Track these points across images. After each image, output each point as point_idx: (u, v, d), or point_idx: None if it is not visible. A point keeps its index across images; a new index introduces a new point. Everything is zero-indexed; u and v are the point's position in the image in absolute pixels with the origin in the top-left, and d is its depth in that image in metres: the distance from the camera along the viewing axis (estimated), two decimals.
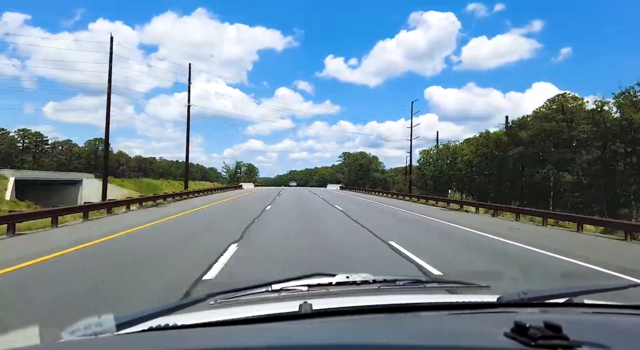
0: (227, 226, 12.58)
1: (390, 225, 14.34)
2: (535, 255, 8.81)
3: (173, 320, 1.16)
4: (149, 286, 5.48)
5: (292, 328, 1.12)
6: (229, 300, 1.32)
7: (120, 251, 8.17)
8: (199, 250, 8.14)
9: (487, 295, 1.50)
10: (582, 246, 10.83)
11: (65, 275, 6.04)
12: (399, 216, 18.36)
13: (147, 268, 6.65)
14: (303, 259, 7.62)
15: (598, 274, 7.12)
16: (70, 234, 10.26)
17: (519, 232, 13.34)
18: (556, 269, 7.29)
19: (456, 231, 13.13)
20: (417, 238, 10.96)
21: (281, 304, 1.33)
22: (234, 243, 8.82)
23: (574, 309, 1.31)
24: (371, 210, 21.16)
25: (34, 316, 4.05)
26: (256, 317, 1.19)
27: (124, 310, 2.83)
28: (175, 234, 10.85)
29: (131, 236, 10.22)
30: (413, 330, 1.09)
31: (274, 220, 14.53)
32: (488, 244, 10.39)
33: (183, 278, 5.79)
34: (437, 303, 1.36)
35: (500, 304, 1.29)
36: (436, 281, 1.73)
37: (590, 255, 9.05)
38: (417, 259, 7.52)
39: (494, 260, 8.13)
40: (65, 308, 4.40)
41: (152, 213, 16.56)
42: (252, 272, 6.53)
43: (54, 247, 8.10)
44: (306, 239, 10.44)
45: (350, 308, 1.25)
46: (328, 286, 1.39)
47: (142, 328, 1.08)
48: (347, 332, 1.07)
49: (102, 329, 0.98)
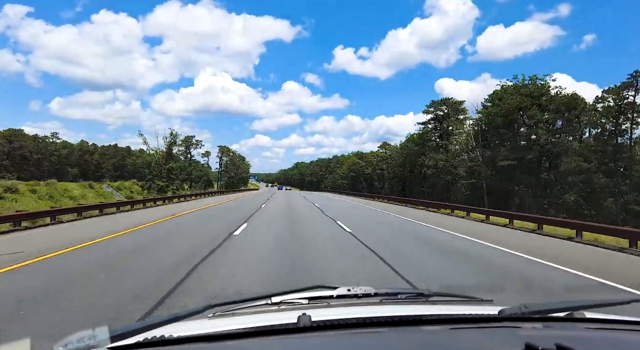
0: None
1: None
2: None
3: (170, 331, 1.10)
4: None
5: (291, 342, 1.08)
6: (227, 312, 1.29)
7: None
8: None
9: (489, 309, 1.48)
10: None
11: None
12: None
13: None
14: None
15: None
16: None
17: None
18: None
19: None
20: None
21: (280, 316, 1.27)
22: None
23: (576, 324, 1.30)
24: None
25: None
26: (255, 329, 1.14)
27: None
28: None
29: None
30: (415, 345, 1.05)
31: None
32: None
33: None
34: (439, 316, 1.33)
35: (502, 318, 1.28)
36: (438, 294, 1.70)
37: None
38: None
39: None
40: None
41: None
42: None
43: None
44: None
45: (352, 321, 1.20)
46: (329, 299, 1.36)
47: (137, 340, 1.03)
48: (346, 346, 1.04)
49: (96, 341, 0.94)
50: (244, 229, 13.13)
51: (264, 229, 13.52)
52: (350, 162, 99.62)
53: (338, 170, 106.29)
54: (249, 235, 11.84)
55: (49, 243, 9.81)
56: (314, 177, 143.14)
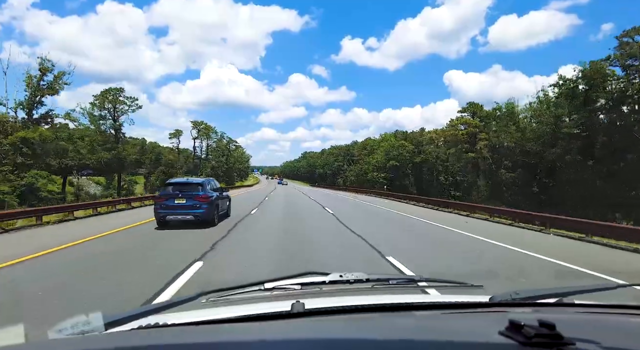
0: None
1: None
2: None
3: (163, 318, 1.14)
4: None
5: (284, 327, 1.09)
6: (220, 299, 1.32)
7: None
8: None
9: (479, 295, 1.52)
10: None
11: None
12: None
13: None
14: None
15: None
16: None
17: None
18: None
19: None
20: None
21: (273, 303, 1.32)
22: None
23: (565, 308, 1.33)
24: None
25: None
26: (248, 315, 1.16)
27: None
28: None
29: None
30: (406, 329, 1.07)
31: None
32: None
33: None
34: (431, 302, 1.37)
35: (492, 304, 1.31)
36: (429, 280, 1.70)
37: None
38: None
39: None
40: None
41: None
42: None
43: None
44: None
45: (343, 307, 1.24)
46: (321, 285, 1.38)
47: (131, 327, 1.05)
48: (339, 331, 1.06)
49: (90, 327, 0.95)
50: None
51: None
52: (386, 146, 66.81)
53: (368, 159, 72.76)
54: None
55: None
56: (327, 168, 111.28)
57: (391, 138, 69.93)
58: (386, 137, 73.67)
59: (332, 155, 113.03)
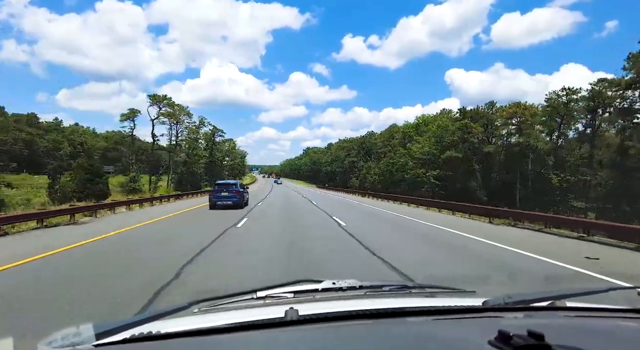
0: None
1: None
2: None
3: (155, 328, 1.11)
4: None
5: (278, 335, 1.08)
6: (212, 308, 1.31)
7: None
8: None
9: (472, 300, 1.48)
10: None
11: None
12: None
13: None
14: None
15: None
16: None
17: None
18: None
19: None
20: None
21: (266, 311, 1.29)
22: None
23: (557, 312, 1.32)
24: None
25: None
26: (241, 324, 1.13)
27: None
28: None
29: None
30: (399, 337, 1.06)
31: None
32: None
33: None
34: (423, 308, 1.34)
35: (485, 309, 1.29)
36: (422, 286, 1.69)
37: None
38: None
39: None
40: None
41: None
42: None
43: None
44: None
45: (337, 314, 1.21)
46: (314, 293, 1.38)
47: (122, 337, 1.03)
48: (333, 339, 1.05)
49: (81, 339, 0.93)
50: None
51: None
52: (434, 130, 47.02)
53: (403, 150, 52.81)
54: None
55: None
56: (336, 166, 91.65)
57: (443, 119, 49.62)
58: (433, 118, 53.16)
59: (342, 149, 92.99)
